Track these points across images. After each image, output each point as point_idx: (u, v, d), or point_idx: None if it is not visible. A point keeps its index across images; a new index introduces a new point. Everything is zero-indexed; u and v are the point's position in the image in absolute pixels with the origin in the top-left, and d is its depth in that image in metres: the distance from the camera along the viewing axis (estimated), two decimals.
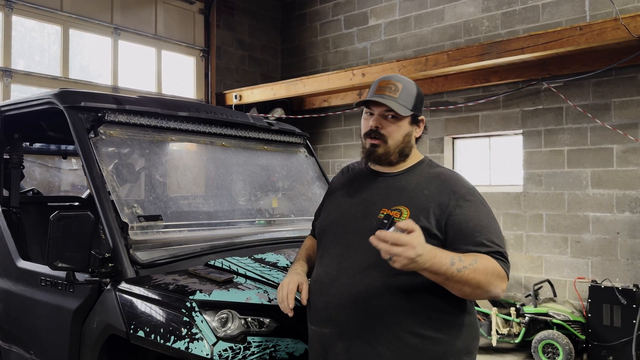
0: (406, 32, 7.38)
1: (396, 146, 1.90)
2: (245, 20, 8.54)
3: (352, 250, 1.84)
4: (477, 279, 1.63)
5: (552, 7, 6.07)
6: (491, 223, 1.78)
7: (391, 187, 1.90)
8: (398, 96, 1.87)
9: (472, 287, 1.64)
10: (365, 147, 1.95)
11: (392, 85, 1.89)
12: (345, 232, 1.90)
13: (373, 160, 1.93)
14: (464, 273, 1.61)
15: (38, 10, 6.25)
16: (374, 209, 1.86)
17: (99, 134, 2.77)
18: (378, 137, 1.90)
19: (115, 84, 6.99)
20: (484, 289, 1.66)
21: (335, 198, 2.07)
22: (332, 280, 1.85)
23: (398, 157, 1.93)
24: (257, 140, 3.65)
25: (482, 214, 1.79)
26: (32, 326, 2.96)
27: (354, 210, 1.93)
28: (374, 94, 1.89)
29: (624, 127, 5.58)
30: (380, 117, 1.90)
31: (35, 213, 4.01)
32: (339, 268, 1.85)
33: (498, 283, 1.68)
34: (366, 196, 1.94)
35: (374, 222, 1.81)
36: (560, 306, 5.40)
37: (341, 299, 1.80)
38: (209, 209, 3.33)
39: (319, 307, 1.88)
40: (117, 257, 2.48)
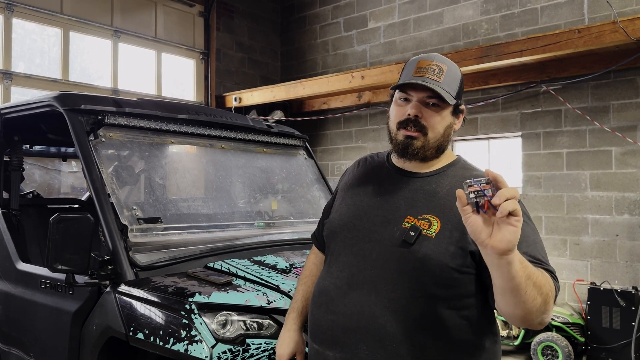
0: (405, 35, 7.40)
1: (436, 140, 1.58)
2: (244, 22, 8.55)
3: (367, 263, 1.53)
4: (546, 286, 1.30)
5: (550, 10, 6.09)
6: (537, 238, 1.49)
7: (419, 191, 1.58)
8: (443, 80, 1.54)
9: (543, 296, 1.28)
10: (398, 139, 1.60)
11: (434, 66, 1.56)
12: (361, 238, 1.58)
13: (410, 155, 1.59)
14: (538, 274, 1.29)
15: (38, 12, 6.27)
16: (396, 216, 1.54)
17: (99, 137, 2.78)
18: (417, 128, 1.56)
19: (115, 87, 7.00)
20: (548, 305, 1.31)
21: (349, 196, 1.72)
22: (342, 295, 1.55)
23: (434, 153, 1.60)
24: (257, 143, 3.66)
25: (528, 229, 1.48)
26: (32, 328, 2.97)
27: (372, 214, 1.60)
28: (414, 76, 1.55)
29: (622, 129, 5.59)
30: (421, 105, 1.56)
31: (35, 215, 4.02)
32: (350, 282, 1.55)
33: (552, 304, 1.35)
34: (388, 198, 1.60)
35: (396, 231, 1.51)
36: (559, 308, 5.41)
37: (351, 320, 1.51)
38: (208, 211, 3.33)
39: (324, 326, 1.58)
40: (117, 259, 2.49)
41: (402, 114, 1.59)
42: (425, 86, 1.53)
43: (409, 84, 1.56)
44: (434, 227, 1.48)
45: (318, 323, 1.62)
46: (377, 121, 7.53)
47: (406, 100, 1.59)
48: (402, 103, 1.61)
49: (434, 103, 1.56)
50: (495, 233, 1.18)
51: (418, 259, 1.46)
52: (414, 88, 1.57)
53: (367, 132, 7.73)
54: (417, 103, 1.57)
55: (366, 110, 7.65)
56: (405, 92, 1.59)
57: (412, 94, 1.58)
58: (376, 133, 7.59)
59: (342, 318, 1.53)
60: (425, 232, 1.48)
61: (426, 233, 1.48)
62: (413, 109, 1.56)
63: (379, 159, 1.78)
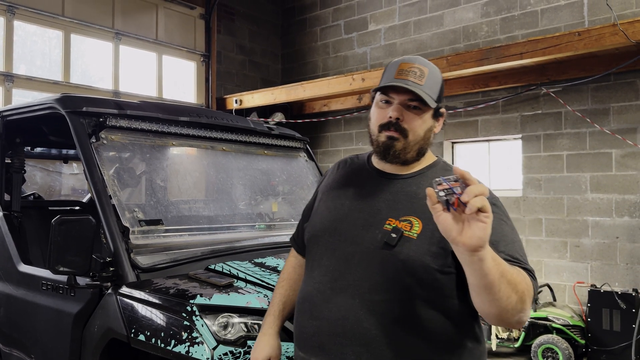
0: (406, 37, 7.41)
1: (416, 143, 1.58)
2: (245, 25, 8.57)
3: (350, 266, 1.53)
4: (522, 284, 1.31)
5: (550, 12, 6.11)
6: (516, 237, 1.49)
7: (400, 193, 1.58)
8: (424, 83, 1.54)
9: (519, 294, 1.29)
10: (380, 141, 1.60)
11: (416, 69, 1.55)
12: (342, 242, 1.57)
13: (391, 156, 1.59)
14: (513, 272, 1.29)
15: (40, 15, 6.29)
16: (378, 218, 1.54)
17: (101, 139, 2.79)
18: (398, 130, 1.56)
19: (116, 89, 7.02)
20: (525, 303, 1.32)
21: (330, 198, 1.71)
22: (325, 300, 1.54)
23: (415, 155, 1.61)
24: (258, 145, 3.67)
25: (505, 227, 1.48)
26: (33, 330, 2.98)
27: (353, 217, 1.59)
28: (396, 79, 1.55)
29: (622, 132, 5.60)
30: (402, 107, 1.56)
31: (36, 217, 4.03)
32: (334, 286, 1.54)
33: (530, 301, 1.35)
34: (369, 201, 1.60)
35: (378, 234, 1.51)
36: (559, 310, 5.41)
37: (336, 325, 1.50)
38: (209, 213, 3.34)
39: (310, 332, 1.57)
40: (118, 261, 2.50)
41: (383, 117, 1.59)
42: (407, 89, 1.53)
43: (390, 87, 1.56)
44: (415, 229, 1.48)
45: (303, 330, 1.60)
46: None
47: (387, 102, 1.59)
48: (383, 105, 1.60)
49: (415, 106, 1.56)
50: (465, 230, 1.18)
51: (400, 260, 1.46)
52: (395, 90, 1.56)
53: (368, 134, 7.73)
54: (399, 106, 1.56)
55: (367, 112, 7.64)
56: (386, 95, 1.59)
57: (393, 96, 1.57)
58: None
59: (327, 323, 1.52)
60: (407, 234, 1.48)
61: (408, 234, 1.48)
62: (394, 112, 1.56)
63: (360, 161, 1.77)
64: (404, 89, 1.54)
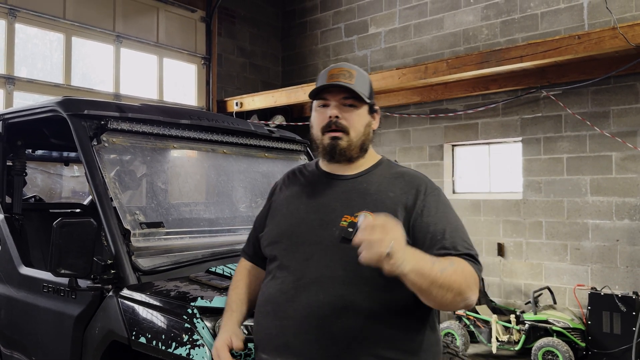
0: (406, 40, 7.43)
1: (358, 138, 1.70)
2: (246, 28, 8.59)
3: (311, 264, 1.60)
4: (458, 282, 1.44)
5: (550, 16, 6.12)
6: (459, 224, 1.64)
7: (352, 191, 1.68)
8: (355, 82, 1.67)
9: (454, 292, 1.44)
10: (324, 143, 1.69)
11: (345, 72, 1.68)
12: (301, 243, 1.65)
13: (338, 155, 1.69)
14: (447, 274, 1.42)
15: (41, 18, 6.31)
16: (333, 216, 1.63)
17: (102, 142, 2.80)
18: (339, 128, 1.67)
19: (117, 91, 7.03)
20: (464, 294, 1.47)
21: (283, 206, 1.79)
22: (289, 299, 1.59)
23: (359, 152, 1.72)
24: (258, 148, 3.68)
25: (450, 214, 1.64)
26: (34, 332, 2.98)
27: (309, 219, 1.67)
28: (328, 82, 1.68)
29: (622, 134, 5.61)
30: (339, 105, 1.68)
31: (37, 220, 4.03)
32: (297, 285, 1.59)
33: (474, 288, 1.50)
34: (323, 202, 1.69)
35: (335, 230, 1.60)
36: (560, 313, 5.41)
37: (302, 323, 1.55)
38: (210, 216, 3.35)
39: (273, 333, 1.61)
40: (119, 263, 2.50)
41: (323, 119, 1.70)
42: (341, 87, 1.66)
43: (325, 89, 1.68)
44: None
45: (267, 332, 1.64)
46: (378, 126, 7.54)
47: (325, 106, 1.71)
48: (321, 109, 1.72)
49: (351, 103, 1.69)
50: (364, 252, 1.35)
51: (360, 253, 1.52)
52: (330, 91, 1.69)
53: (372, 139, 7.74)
54: (336, 104, 1.68)
55: None
56: (323, 98, 1.71)
57: (329, 97, 1.69)
58: (376, 138, 7.54)
59: (292, 322, 1.57)
60: None
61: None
62: (333, 110, 1.68)
63: (309, 168, 1.87)
64: (338, 88, 1.67)
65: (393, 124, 7.48)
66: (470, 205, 6.75)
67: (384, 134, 7.56)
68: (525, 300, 6.13)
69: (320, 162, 1.82)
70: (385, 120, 7.52)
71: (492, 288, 6.48)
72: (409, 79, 6.15)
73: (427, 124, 7.15)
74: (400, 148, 7.41)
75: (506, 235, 6.42)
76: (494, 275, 6.50)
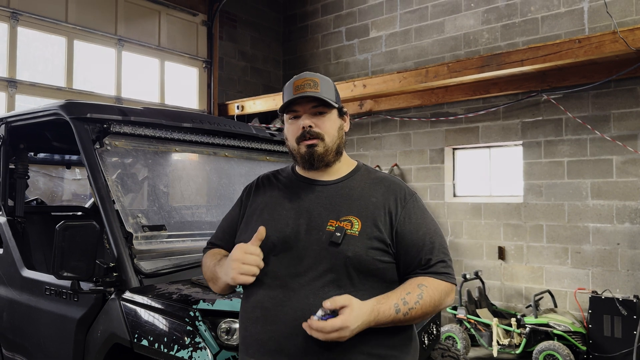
0: (407, 44, 7.45)
1: (333, 142, 1.75)
2: (247, 32, 8.62)
3: (300, 269, 1.63)
4: (424, 312, 1.61)
5: (551, 19, 6.14)
6: (436, 228, 1.74)
7: (335, 196, 1.72)
8: (320, 90, 1.72)
9: (421, 318, 1.63)
10: (301, 152, 1.73)
11: (309, 81, 1.73)
12: (288, 249, 1.67)
13: (317, 162, 1.73)
14: (411, 314, 1.58)
15: (43, 21, 6.33)
16: (318, 221, 1.67)
17: (105, 145, 2.81)
18: (314, 136, 1.71)
19: (119, 95, 7.05)
20: (433, 313, 1.65)
21: (263, 211, 1.78)
22: (279, 304, 1.62)
23: (335, 155, 1.76)
24: (259, 151, 3.69)
25: (427, 220, 1.74)
26: (36, 335, 2.99)
27: (295, 224, 1.69)
28: (295, 94, 1.72)
29: (623, 138, 5.62)
30: (310, 115, 1.73)
31: (39, 222, 4.04)
32: (285, 291, 1.62)
33: (446, 300, 1.66)
34: (307, 207, 1.72)
35: (322, 235, 1.64)
36: (561, 317, 5.41)
37: (293, 327, 1.57)
38: (211, 218, 3.36)
39: (264, 338, 1.62)
40: (122, 266, 2.52)
41: (297, 129, 1.74)
42: (308, 97, 1.71)
43: (293, 102, 1.73)
44: (355, 227, 1.65)
45: (256, 337, 1.65)
46: (379, 129, 7.57)
47: (296, 117, 1.75)
48: (293, 121, 1.76)
49: (320, 111, 1.74)
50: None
51: (348, 257, 1.61)
52: (299, 103, 1.73)
53: (369, 140, 7.77)
54: (307, 115, 1.73)
55: (368, 118, 7.70)
56: (293, 111, 1.75)
57: (298, 109, 1.74)
58: (377, 141, 7.62)
59: (284, 327, 1.60)
60: (349, 232, 1.63)
61: (350, 232, 1.63)
62: (305, 120, 1.72)
63: (285, 174, 1.88)
64: (305, 99, 1.72)
65: (394, 127, 7.50)
66: (471, 209, 6.76)
67: (385, 137, 7.58)
68: (526, 304, 6.13)
69: (296, 168, 1.85)
70: (386, 124, 7.54)
71: (493, 291, 6.48)
72: (410, 83, 6.17)
73: (428, 127, 7.16)
74: (401, 151, 7.42)
75: (507, 239, 6.42)
76: (494, 279, 6.50)
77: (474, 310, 5.85)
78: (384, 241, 1.65)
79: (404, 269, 1.68)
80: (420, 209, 1.74)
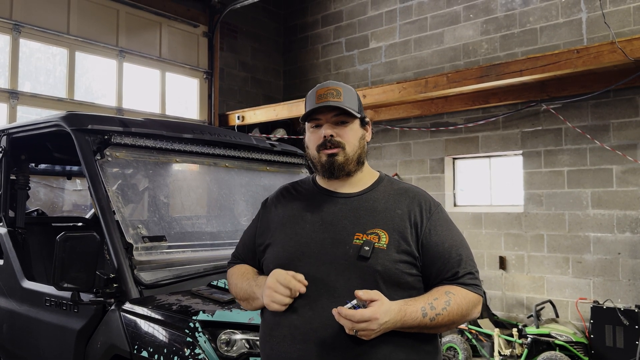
0: (406, 55, 7.49)
1: (354, 152, 1.72)
2: (248, 42, 8.67)
3: (328, 284, 1.59)
4: (451, 320, 1.57)
5: (549, 30, 6.18)
6: (462, 240, 1.71)
7: (359, 209, 1.69)
8: (343, 100, 1.71)
9: (448, 326, 1.60)
10: (322, 161, 1.70)
11: (332, 90, 1.71)
12: (313, 264, 1.62)
13: (337, 171, 1.70)
14: (438, 320, 1.55)
15: (45, 33, 6.37)
16: (344, 234, 1.63)
17: (105, 156, 2.82)
18: (335, 145, 1.69)
19: (120, 105, 7.08)
20: (459, 323, 1.62)
21: (288, 226, 1.74)
22: (308, 322, 1.58)
23: (356, 165, 1.74)
24: (260, 161, 3.70)
25: (453, 231, 1.71)
26: (36, 346, 2.98)
27: (319, 238, 1.65)
28: (317, 103, 1.71)
29: (622, 148, 5.63)
30: (332, 125, 1.71)
31: (40, 233, 4.05)
32: (314, 306, 1.58)
33: (473, 311, 1.62)
34: (331, 220, 1.68)
35: (349, 249, 1.60)
36: (562, 327, 5.38)
37: (324, 345, 1.55)
38: (212, 229, 3.36)
39: (294, 356, 1.59)
40: (122, 277, 2.52)
41: (318, 138, 1.72)
42: (331, 106, 1.69)
43: (316, 110, 1.71)
44: (383, 240, 1.61)
45: (285, 356, 1.61)
46: (379, 139, 7.59)
47: (317, 126, 1.73)
48: (315, 130, 1.74)
49: (342, 120, 1.72)
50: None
51: (377, 271, 1.57)
52: (321, 112, 1.71)
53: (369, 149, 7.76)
54: (329, 124, 1.71)
55: None
56: (315, 119, 1.73)
57: (321, 117, 1.72)
58: (377, 151, 7.64)
59: (314, 345, 1.56)
60: (377, 245, 1.60)
61: (378, 246, 1.60)
62: (327, 130, 1.70)
63: (306, 185, 1.84)
64: (328, 108, 1.70)
65: (394, 137, 7.52)
66: (471, 219, 6.75)
67: (385, 147, 7.59)
68: (527, 314, 6.10)
69: (317, 179, 1.82)
70: (386, 134, 7.56)
71: (494, 301, 6.46)
72: (410, 93, 6.19)
73: (428, 137, 7.18)
74: (402, 161, 7.43)
75: (508, 249, 6.41)
76: (495, 289, 6.48)
77: (475, 320, 5.83)
78: (411, 254, 1.62)
79: (431, 281, 1.64)
80: (445, 220, 1.71)
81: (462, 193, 7.11)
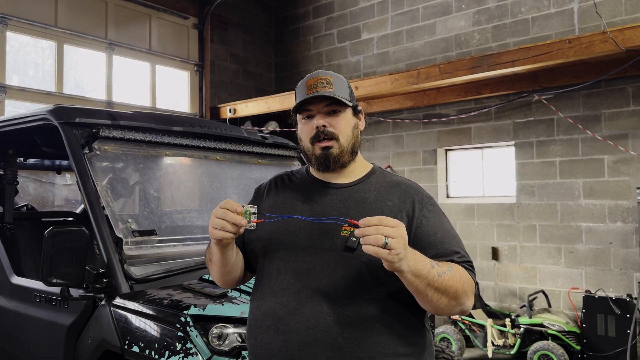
0: (398, 46, 7.46)
1: (348, 143, 1.70)
2: (238, 34, 8.60)
3: (313, 275, 1.58)
4: (455, 287, 1.49)
5: (541, 20, 6.17)
6: (455, 233, 1.69)
7: (349, 200, 1.67)
8: (334, 89, 1.67)
9: (450, 296, 1.50)
10: (316, 154, 1.68)
11: (322, 80, 1.68)
12: (300, 253, 1.61)
13: (332, 163, 1.68)
14: (444, 278, 1.47)
15: (33, 26, 6.28)
16: (333, 225, 1.60)
17: (94, 150, 2.79)
18: (328, 136, 1.67)
19: (110, 99, 7.01)
20: (460, 299, 1.52)
21: (275, 213, 1.70)
22: (291, 312, 1.56)
23: (350, 156, 1.71)
24: (251, 154, 3.68)
25: (446, 223, 1.68)
26: (26, 342, 2.95)
27: (308, 228, 1.63)
28: (308, 94, 1.67)
29: (614, 137, 5.65)
30: (324, 115, 1.68)
31: (29, 229, 4.01)
32: (298, 297, 1.57)
33: (470, 295, 1.56)
34: (320, 210, 1.66)
35: (336, 240, 1.58)
36: (554, 317, 5.42)
37: (306, 335, 1.53)
38: (203, 223, 3.34)
39: (276, 348, 1.56)
40: (112, 272, 2.49)
41: (311, 130, 1.68)
42: (322, 96, 1.66)
43: (307, 101, 1.67)
44: None
45: (267, 347, 1.59)
46: (371, 131, 7.57)
47: (309, 117, 1.70)
48: (307, 121, 1.71)
49: (334, 110, 1.68)
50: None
51: (363, 262, 1.54)
52: (312, 102, 1.68)
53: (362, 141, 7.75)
54: (321, 114, 1.68)
55: None
56: (306, 110, 1.70)
57: (312, 108, 1.69)
58: (370, 143, 7.62)
59: (297, 336, 1.54)
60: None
61: None
62: (319, 120, 1.67)
63: (299, 175, 1.83)
64: (319, 98, 1.66)
65: (386, 129, 7.50)
66: (464, 210, 6.76)
67: (378, 139, 7.58)
68: (520, 304, 6.13)
69: (311, 169, 1.80)
70: (379, 126, 7.54)
71: (487, 292, 6.48)
72: (402, 84, 6.17)
73: (421, 128, 7.17)
74: (394, 153, 7.42)
75: (500, 239, 6.43)
76: (488, 279, 6.51)
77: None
78: None
79: None
80: (437, 212, 1.68)
81: (455, 184, 7.12)
